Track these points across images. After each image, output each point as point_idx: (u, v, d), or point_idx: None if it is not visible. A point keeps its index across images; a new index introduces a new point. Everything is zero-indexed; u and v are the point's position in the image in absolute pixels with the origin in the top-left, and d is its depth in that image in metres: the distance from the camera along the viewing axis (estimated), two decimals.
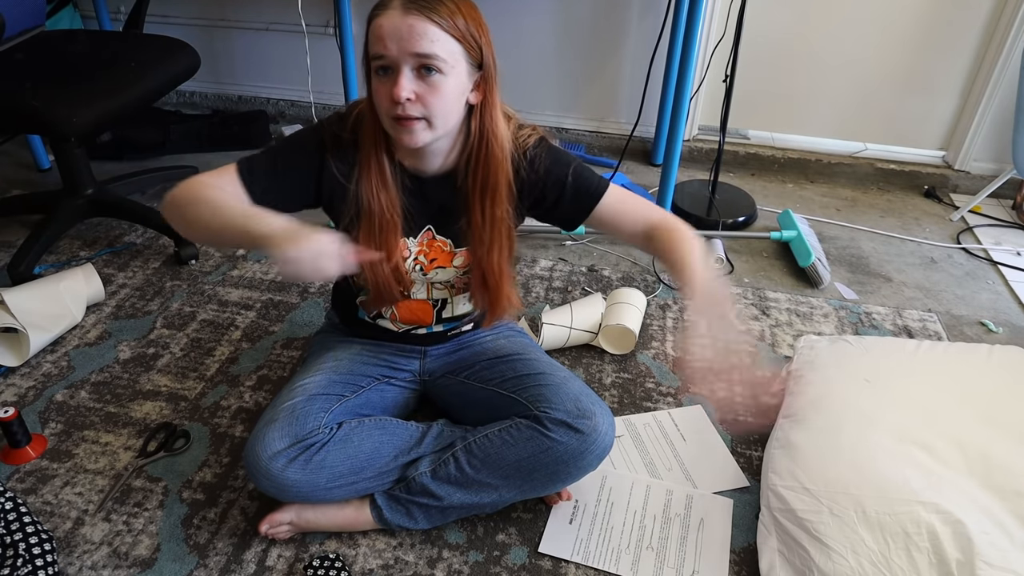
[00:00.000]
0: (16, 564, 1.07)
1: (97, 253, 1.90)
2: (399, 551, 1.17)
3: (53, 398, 1.45)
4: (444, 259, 1.18)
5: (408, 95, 0.97)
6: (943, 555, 1.02)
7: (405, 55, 0.96)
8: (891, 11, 2.18)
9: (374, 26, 0.98)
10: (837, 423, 1.23)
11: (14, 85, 1.62)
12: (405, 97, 0.97)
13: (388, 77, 0.98)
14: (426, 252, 1.17)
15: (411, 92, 0.97)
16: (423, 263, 1.17)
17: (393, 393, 1.29)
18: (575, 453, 1.12)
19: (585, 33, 2.33)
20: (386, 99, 0.99)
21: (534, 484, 1.16)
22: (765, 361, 1.05)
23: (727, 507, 1.25)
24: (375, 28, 0.97)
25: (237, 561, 1.15)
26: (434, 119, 1.00)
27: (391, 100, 0.98)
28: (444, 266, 1.18)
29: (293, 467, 1.09)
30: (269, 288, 1.79)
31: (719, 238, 1.98)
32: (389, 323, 1.25)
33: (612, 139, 2.49)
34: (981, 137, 2.27)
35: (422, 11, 0.95)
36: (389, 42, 0.95)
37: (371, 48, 0.99)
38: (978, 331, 1.74)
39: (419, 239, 1.16)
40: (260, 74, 2.65)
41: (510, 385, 1.20)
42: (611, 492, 1.28)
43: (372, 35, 0.98)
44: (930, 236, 2.13)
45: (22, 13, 1.80)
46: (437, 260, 1.18)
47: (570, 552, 1.18)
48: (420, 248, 1.17)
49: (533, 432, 1.12)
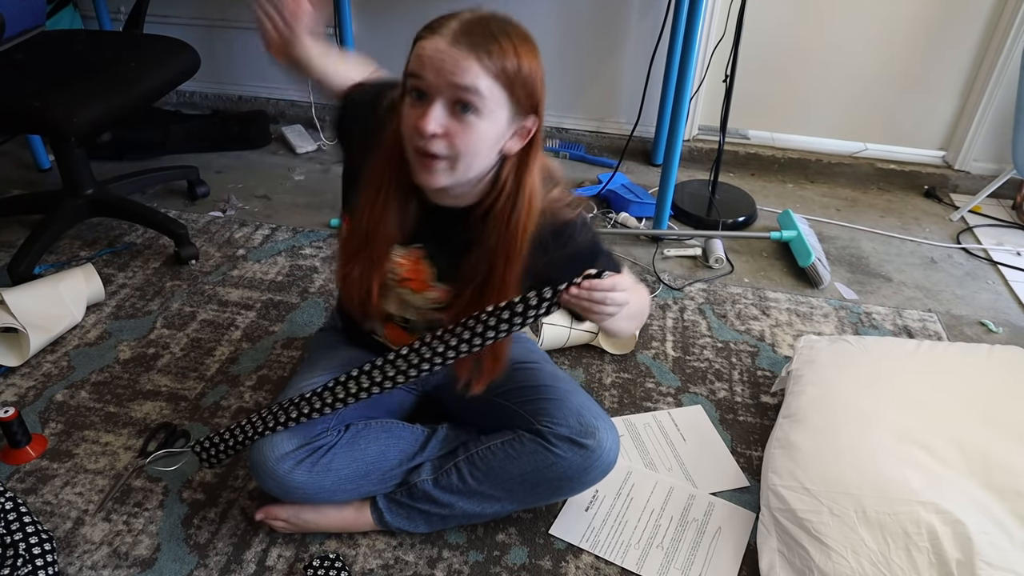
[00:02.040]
0: (16, 564, 1.07)
1: (97, 253, 1.90)
2: (399, 551, 1.17)
3: (53, 398, 1.45)
4: (419, 284, 1.09)
5: (436, 129, 0.88)
6: (943, 555, 1.02)
7: (442, 86, 0.87)
8: (891, 11, 2.17)
9: (418, 46, 0.89)
10: (837, 423, 1.23)
11: (14, 85, 1.62)
12: (431, 131, 0.88)
13: (421, 104, 0.89)
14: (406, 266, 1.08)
15: (440, 127, 0.88)
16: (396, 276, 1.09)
17: (399, 395, 1.28)
18: (579, 469, 1.11)
19: (585, 33, 2.33)
20: (412, 127, 0.90)
21: (536, 497, 1.16)
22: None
23: (748, 520, 1.24)
24: (419, 49, 0.89)
25: (237, 561, 1.15)
26: (459, 161, 0.91)
27: (417, 130, 0.89)
28: (415, 290, 1.09)
29: (300, 469, 1.09)
30: (269, 288, 1.79)
31: (719, 238, 1.98)
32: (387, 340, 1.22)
33: (612, 139, 2.49)
34: (981, 137, 2.27)
35: (472, 47, 0.86)
36: (429, 69, 0.87)
37: (411, 65, 0.90)
38: (978, 331, 1.74)
39: (407, 252, 1.07)
40: (260, 74, 2.65)
41: (513, 396, 1.18)
42: (633, 488, 1.29)
43: (414, 53, 0.90)
44: (930, 236, 2.13)
45: (22, 13, 1.80)
46: (411, 282, 1.09)
47: (579, 538, 1.19)
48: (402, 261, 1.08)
49: (537, 447, 1.11)
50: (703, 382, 1.54)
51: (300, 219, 2.09)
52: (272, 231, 2.02)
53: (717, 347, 1.63)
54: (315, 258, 1.91)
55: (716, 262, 1.92)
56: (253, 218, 2.09)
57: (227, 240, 1.97)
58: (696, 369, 1.57)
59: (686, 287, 1.84)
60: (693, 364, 1.58)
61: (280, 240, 1.98)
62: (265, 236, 2.00)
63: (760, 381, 1.54)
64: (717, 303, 1.78)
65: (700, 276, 1.89)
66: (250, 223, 2.06)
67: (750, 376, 1.56)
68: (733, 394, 1.51)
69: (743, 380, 1.54)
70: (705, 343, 1.65)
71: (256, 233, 2.01)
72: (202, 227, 2.03)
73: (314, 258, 1.91)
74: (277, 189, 2.25)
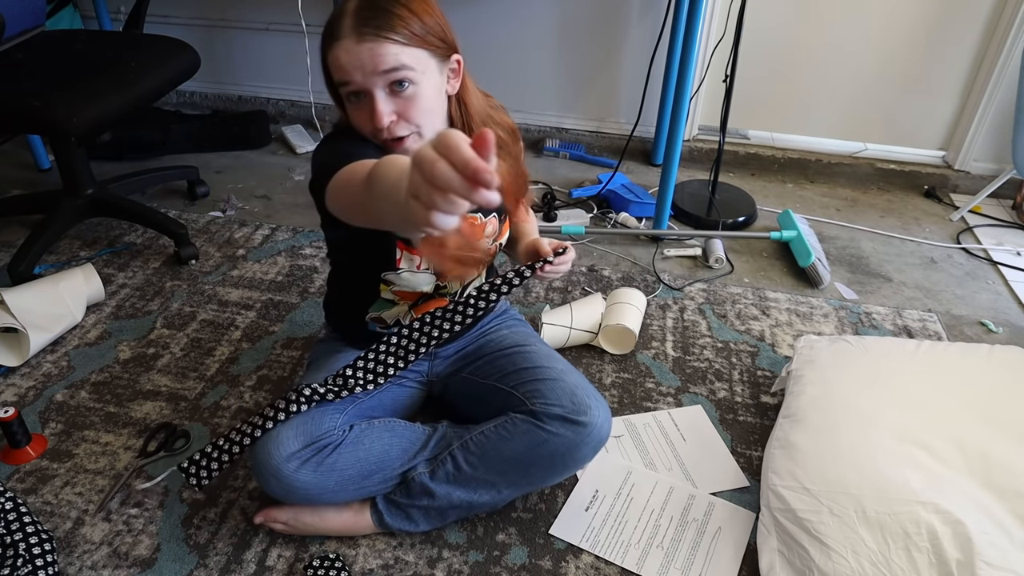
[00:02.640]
0: (16, 564, 1.07)
1: (97, 253, 1.90)
2: (399, 551, 1.17)
3: (53, 398, 1.45)
4: (478, 232, 1.17)
5: (389, 118, 0.94)
6: (943, 555, 1.02)
7: (372, 78, 0.93)
8: (891, 11, 2.18)
9: (331, 57, 0.94)
10: (837, 423, 1.23)
11: (14, 85, 1.62)
12: (387, 122, 0.94)
13: (362, 102, 0.95)
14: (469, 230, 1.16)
15: (391, 114, 0.95)
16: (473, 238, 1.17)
17: (402, 394, 1.29)
18: (571, 445, 1.12)
19: (585, 33, 2.33)
20: (367, 124, 0.96)
21: (531, 479, 1.16)
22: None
23: (748, 521, 1.24)
24: (333, 59, 0.94)
25: (237, 561, 1.15)
26: (423, 128, 0.99)
27: (374, 126, 0.95)
28: (479, 239, 1.18)
29: (305, 469, 1.09)
30: (269, 288, 1.79)
31: (719, 238, 1.98)
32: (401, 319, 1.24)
33: (612, 139, 2.49)
34: (981, 137, 2.27)
35: (377, 32, 0.91)
36: (353, 71, 0.92)
37: (334, 76, 0.95)
38: (978, 331, 1.74)
39: None
40: (260, 74, 2.65)
41: (510, 379, 1.20)
42: (633, 488, 1.29)
43: (332, 65, 0.95)
44: (930, 236, 2.13)
45: (22, 13, 1.80)
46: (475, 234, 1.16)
47: (579, 538, 1.19)
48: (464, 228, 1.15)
49: (529, 426, 1.12)
50: (703, 382, 1.54)
51: (300, 219, 2.09)
52: (272, 231, 2.02)
53: (717, 347, 1.63)
54: (315, 258, 1.91)
55: (716, 262, 1.92)
56: (253, 218, 2.09)
57: (227, 240, 1.97)
58: (696, 369, 1.57)
59: (686, 287, 1.84)
60: (693, 364, 1.58)
61: (280, 240, 1.98)
62: (265, 236, 2.00)
63: (760, 381, 1.54)
64: (717, 303, 1.78)
65: (700, 276, 1.89)
66: (250, 223, 2.06)
67: (750, 376, 1.56)
68: (733, 394, 1.51)
69: (743, 380, 1.54)
70: (705, 343, 1.65)
71: (256, 233, 2.01)
72: (202, 227, 2.03)
73: (314, 258, 1.91)
74: (277, 189, 2.25)
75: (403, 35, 0.92)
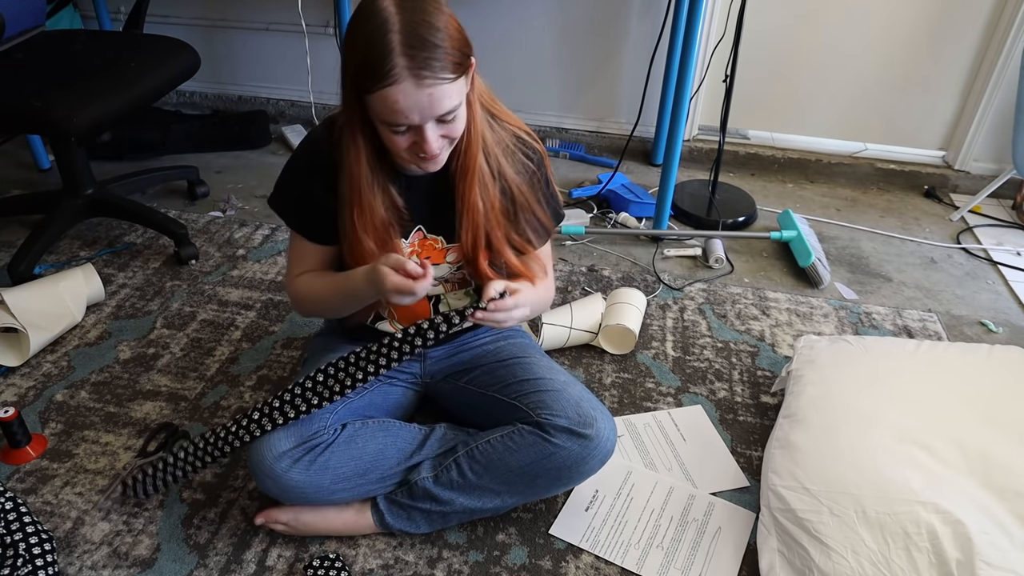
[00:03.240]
0: (16, 564, 1.07)
1: (97, 253, 1.90)
2: (399, 551, 1.17)
3: (53, 398, 1.45)
4: (437, 256, 1.18)
5: (439, 145, 0.99)
6: (943, 555, 1.02)
7: (429, 119, 0.95)
8: (891, 11, 2.18)
9: (382, 97, 0.92)
10: (837, 423, 1.23)
11: (14, 85, 1.62)
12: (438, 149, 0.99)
13: (408, 132, 0.97)
14: (419, 252, 1.17)
15: (438, 139, 0.99)
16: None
17: (396, 394, 1.29)
18: (578, 458, 1.12)
19: (585, 33, 2.33)
20: (407, 149, 1.00)
21: (536, 489, 1.16)
22: None
23: (748, 521, 1.24)
24: (388, 101, 0.92)
25: (237, 561, 1.15)
26: (454, 140, 1.03)
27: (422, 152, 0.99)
28: (438, 263, 1.18)
29: (297, 468, 1.09)
30: (269, 288, 1.79)
31: (719, 238, 1.98)
32: (387, 325, 1.25)
33: (612, 139, 2.49)
34: (981, 137, 2.27)
35: (436, 76, 0.92)
36: (411, 113, 0.93)
37: (383, 115, 0.95)
38: (978, 331, 1.74)
39: (410, 240, 1.16)
40: (260, 74, 2.65)
41: (511, 391, 1.19)
42: (633, 488, 1.29)
43: (382, 105, 0.93)
44: (930, 236, 2.13)
45: (22, 13, 1.80)
46: (431, 258, 1.18)
47: (579, 538, 1.19)
48: (412, 249, 1.16)
49: (536, 438, 1.12)
50: (703, 382, 1.54)
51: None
52: (272, 231, 2.02)
53: (717, 347, 1.63)
54: None
55: (716, 262, 1.92)
56: (253, 218, 2.09)
57: (227, 240, 1.97)
58: (696, 369, 1.57)
59: (686, 287, 1.84)
60: (693, 364, 1.58)
61: (280, 240, 1.98)
62: (265, 236, 2.00)
63: (760, 381, 1.54)
64: (717, 303, 1.78)
65: (700, 276, 1.89)
66: (250, 223, 2.06)
67: (750, 376, 1.56)
68: (733, 394, 1.51)
69: (743, 380, 1.54)
70: (705, 343, 1.65)
71: (256, 233, 2.01)
72: (202, 227, 2.03)
73: None
74: None
75: (454, 71, 0.94)
